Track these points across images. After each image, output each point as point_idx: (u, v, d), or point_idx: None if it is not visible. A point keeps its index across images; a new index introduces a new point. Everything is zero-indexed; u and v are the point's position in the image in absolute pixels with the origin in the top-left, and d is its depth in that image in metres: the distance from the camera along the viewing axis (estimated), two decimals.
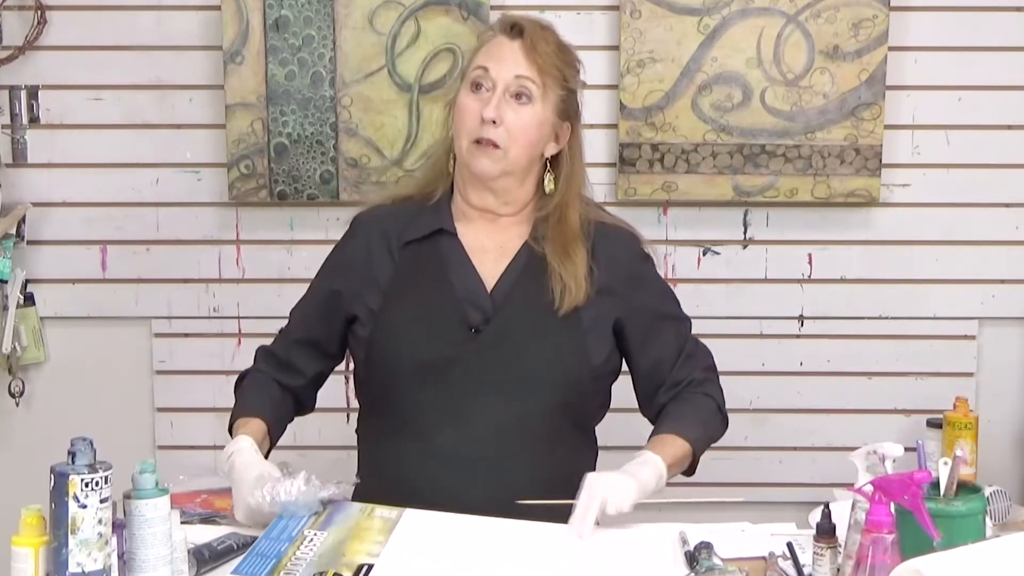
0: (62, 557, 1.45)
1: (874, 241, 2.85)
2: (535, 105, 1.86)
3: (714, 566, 1.65)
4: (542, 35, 1.89)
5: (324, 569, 1.54)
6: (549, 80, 1.86)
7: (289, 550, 1.58)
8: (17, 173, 2.82)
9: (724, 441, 2.83)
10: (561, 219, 1.90)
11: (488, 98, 1.84)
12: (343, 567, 1.54)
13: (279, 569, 1.54)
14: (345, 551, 1.59)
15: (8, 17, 2.78)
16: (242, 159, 2.77)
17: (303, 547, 1.59)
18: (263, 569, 1.54)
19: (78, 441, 1.48)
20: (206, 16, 2.78)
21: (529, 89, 1.85)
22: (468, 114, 1.86)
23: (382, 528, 1.65)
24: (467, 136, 1.86)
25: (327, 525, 1.65)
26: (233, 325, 2.86)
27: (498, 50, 1.87)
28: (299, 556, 1.57)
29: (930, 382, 2.87)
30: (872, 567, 1.45)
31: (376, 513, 1.69)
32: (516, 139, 1.85)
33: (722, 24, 2.73)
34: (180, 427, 2.88)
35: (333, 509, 1.69)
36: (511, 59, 1.86)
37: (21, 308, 2.80)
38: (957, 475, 1.63)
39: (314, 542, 1.60)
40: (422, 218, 1.94)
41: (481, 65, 1.86)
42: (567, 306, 1.86)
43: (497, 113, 1.83)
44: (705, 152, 2.77)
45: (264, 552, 1.58)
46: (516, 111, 1.85)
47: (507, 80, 1.84)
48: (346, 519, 1.67)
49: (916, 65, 2.80)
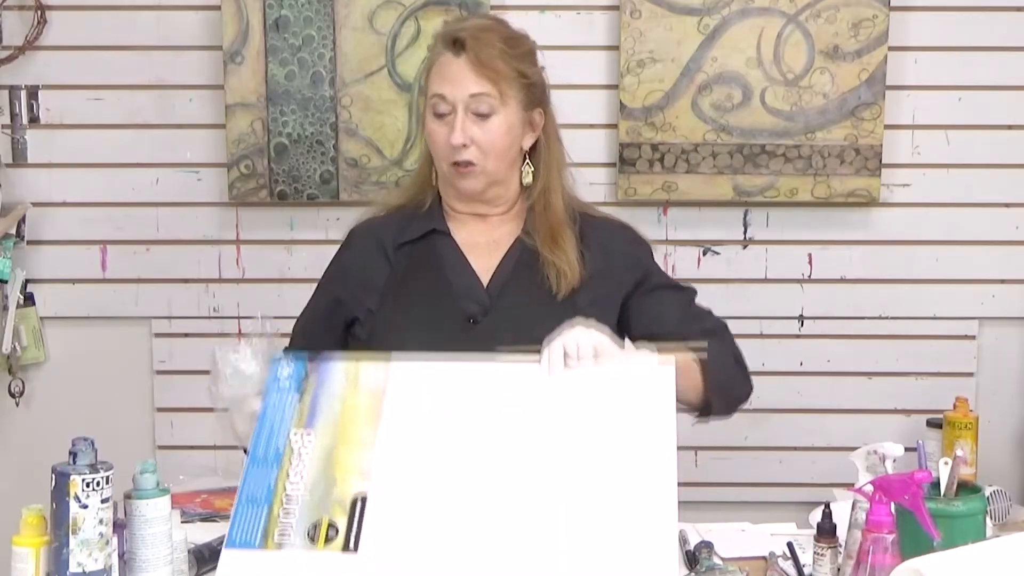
0: (63, 557, 1.46)
1: (874, 241, 2.85)
2: (498, 115, 1.86)
3: (714, 566, 1.65)
4: (485, 41, 1.86)
5: (317, 518, 1.51)
6: (504, 85, 1.86)
7: (278, 484, 1.54)
8: (17, 173, 2.82)
9: (724, 441, 2.85)
10: (546, 206, 1.92)
11: (451, 121, 1.85)
12: (335, 507, 1.51)
13: (271, 529, 1.51)
14: (335, 471, 1.55)
15: (8, 17, 2.78)
16: (242, 159, 2.77)
17: (292, 478, 1.54)
18: (254, 534, 1.51)
19: (79, 441, 1.49)
20: (206, 16, 2.78)
21: (487, 103, 1.85)
22: (438, 140, 1.88)
23: (369, 413, 1.59)
24: (443, 160, 1.89)
25: (312, 418, 1.60)
26: (233, 325, 2.86)
27: (448, 71, 1.86)
28: (289, 497, 1.53)
29: (930, 382, 2.87)
30: (872, 567, 1.46)
31: (361, 383, 1.63)
32: (489, 153, 1.87)
33: (722, 24, 2.73)
34: (180, 427, 2.88)
35: (316, 386, 1.63)
36: (461, 78, 1.85)
37: (21, 308, 2.80)
38: (957, 475, 1.63)
39: (303, 459, 1.56)
40: (415, 221, 1.96)
41: (436, 93, 1.87)
42: (564, 290, 1.87)
43: (464, 136, 1.84)
44: (705, 152, 2.77)
45: (253, 497, 1.54)
46: (482, 127, 1.85)
47: (464, 101, 1.85)
48: (331, 403, 1.61)
49: (916, 65, 2.80)
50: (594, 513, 1.50)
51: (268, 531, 1.51)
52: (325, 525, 1.51)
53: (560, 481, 1.53)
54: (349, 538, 1.50)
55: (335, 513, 1.51)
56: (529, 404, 1.60)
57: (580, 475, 1.53)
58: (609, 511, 1.50)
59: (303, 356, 1.66)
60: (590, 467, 1.54)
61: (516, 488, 1.53)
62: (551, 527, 1.50)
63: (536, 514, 1.51)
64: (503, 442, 1.58)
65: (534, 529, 1.50)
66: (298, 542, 1.50)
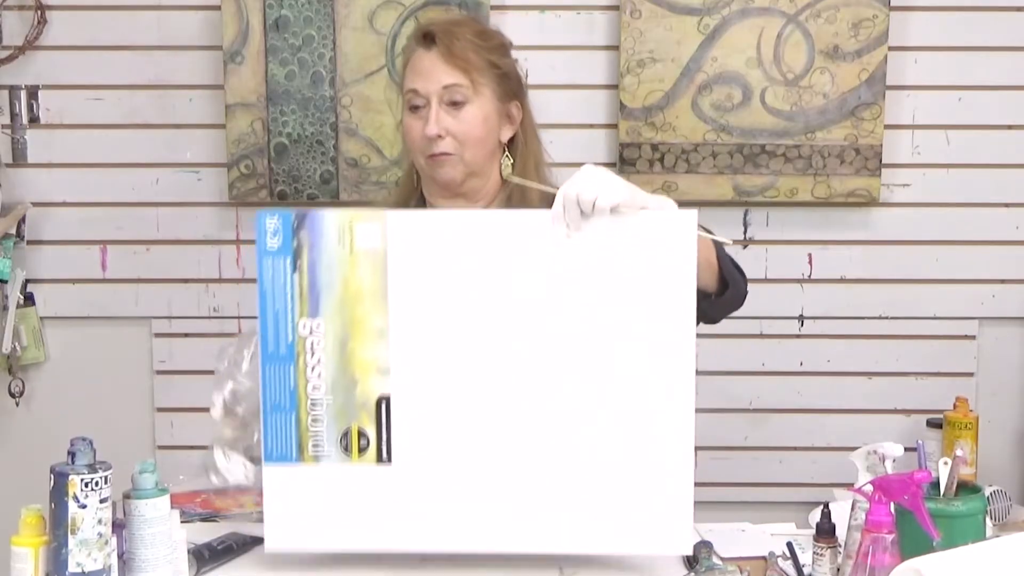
0: (62, 557, 1.46)
1: (874, 241, 2.85)
2: (472, 104, 1.87)
3: (714, 566, 1.65)
4: (455, 33, 1.88)
5: (346, 426, 1.57)
6: (476, 75, 1.87)
7: (299, 387, 1.57)
8: (17, 173, 2.82)
9: (724, 441, 2.85)
10: (522, 196, 1.92)
11: (426, 114, 1.86)
12: (362, 412, 1.57)
13: (304, 440, 1.57)
14: (354, 369, 1.57)
15: (8, 17, 2.78)
16: (242, 159, 2.77)
17: (310, 377, 1.57)
18: (289, 447, 1.57)
19: (78, 441, 1.48)
20: (206, 16, 2.78)
21: (460, 93, 1.86)
22: (413, 134, 1.89)
23: (373, 291, 1.57)
24: (420, 154, 1.90)
25: (316, 305, 1.57)
26: (233, 325, 2.86)
27: (420, 65, 1.88)
28: (313, 402, 1.57)
29: (930, 382, 2.87)
30: (872, 567, 1.46)
31: (358, 245, 1.58)
32: (465, 142, 1.88)
33: (722, 24, 2.73)
34: (180, 427, 2.88)
35: (310, 249, 1.58)
36: (433, 71, 1.87)
37: (21, 308, 2.80)
38: (957, 475, 1.63)
39: (317, 355, 1.57)
40: None
41: (410, 88, 1.88)
42: None
43: (439, 127, 1.85)
44: (705, 152, 2.77)
45: (278, 404, 1.57)
46: (456, 117, 1.87)
47: (437, 93, 1.86)
48: (331, 278, 1.57)
49: (916, 65, 2.80)
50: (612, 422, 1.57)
51: (302, 443, 1.58)
52: (356, 434, 1.58)
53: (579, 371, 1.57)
54: (381, 448, 1.58)
55: (363, 420, 1.58)
56: (544, 263, 1.58)
57: (601, 352, 1.57)
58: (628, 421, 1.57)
59: (288, 212, 1.59)
60: (611, 341, 1.57)
61: (536, 378, 1.57)
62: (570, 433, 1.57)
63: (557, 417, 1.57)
64: (520, 313, 1.57)
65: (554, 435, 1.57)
66: (333, 454, 1.58)
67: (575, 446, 1.57)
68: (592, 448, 1.57)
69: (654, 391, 1.58)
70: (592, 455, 1.57)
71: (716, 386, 2.86)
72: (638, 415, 1.57)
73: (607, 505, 1.58)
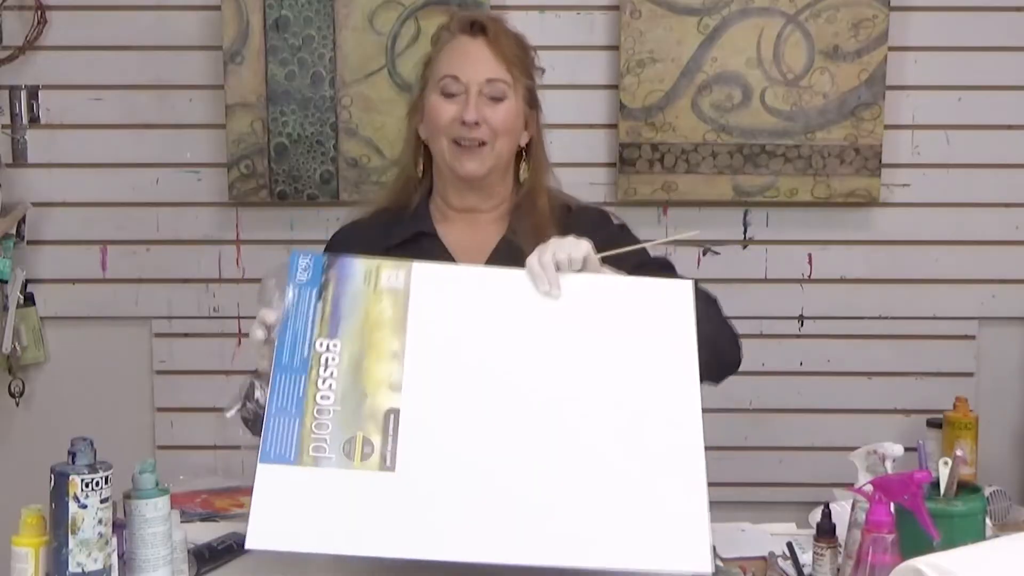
0: (62, 557, 1.46)
1: (874, 241, 2.85)
2: (508, 100, 1.87)
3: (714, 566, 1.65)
4: (503, 29, 1.89)
5: (351, 434, 1.51)
6: (517, 72, 1.87)
7: (308, 395, 1.54)
8: (17, 173, 2.82)
9: (724, 441, 2.85)
10: (532, 205, 1.91)
11: (463, 100, 1.85)
12: (369, 422, 1.52)
13: (305, 443, 1.51)
14: (365, 384, 1.55)
15: (8, 17, 2.78)
16: (242, 159, 2.77)
17: (321, 388, 1.54)
18: (289, 448, 1.51)
19: (78, 441, 1.48)
20: (206, 16, 2.78)
21: (501, 88, 1.86)
22: (444, 115, 1.86)
23: (394, 321, 1.59)
24: (446, 136, 1.86)
25: (336, 327, 1.58)
26: (233, 325, 2.86)
27: (463, 53, 1.86)
28: (321, 409, 1.53)
29: (930, 382, 2.87)
30: (872, 567, 1.46)
31: (382, 284, 1.62)
32: (500, 133, 1.86)
33: (722, 24, 2.73)
34: (180, 427, 2.88)
35: (336, 284, 1.61)
36: (478, 60, 1.85)
37: (21, 308, 2.80)
38: (957, 475, 1.63)
39: (330, 369, 1.55)
40: (401, 224, 1.94)
41: (449, 74, 1.86)
42: None
43: (478, 114, 1.84)
44: (705, 152, 2.77)
45: (284, 407, 1.53)
46: (494, 109, 1.85)
47: (479, 83, 1.85)
48: (354, 308, 1.59)
49: (916, 65, 2.80)
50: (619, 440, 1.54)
51: (302, 445, 1.52)
52: (360, 441, 1.52)
53: (585, 403, 1.56)
54: (385, 455, 1.52)
55: (369, 429, 1.52)
56: (553, 314, 1.61)
57: (604, 396, 1.56)
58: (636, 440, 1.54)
59: (320, 255, 1.64)
60: (614, 387, 1.57)
61: (544, 410, 1.56)
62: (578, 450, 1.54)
63: (565, 436, 1.54)
64: (528, 353, 1.59)
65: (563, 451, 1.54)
66: (335, 458, 1.51)
67: (583, 464, 1.54)
68: (600, 468, 1.54)
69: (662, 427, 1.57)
70: (600, 475, 1.54)
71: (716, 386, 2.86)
72: (646, 440, 1.56)
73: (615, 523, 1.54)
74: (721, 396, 2.95)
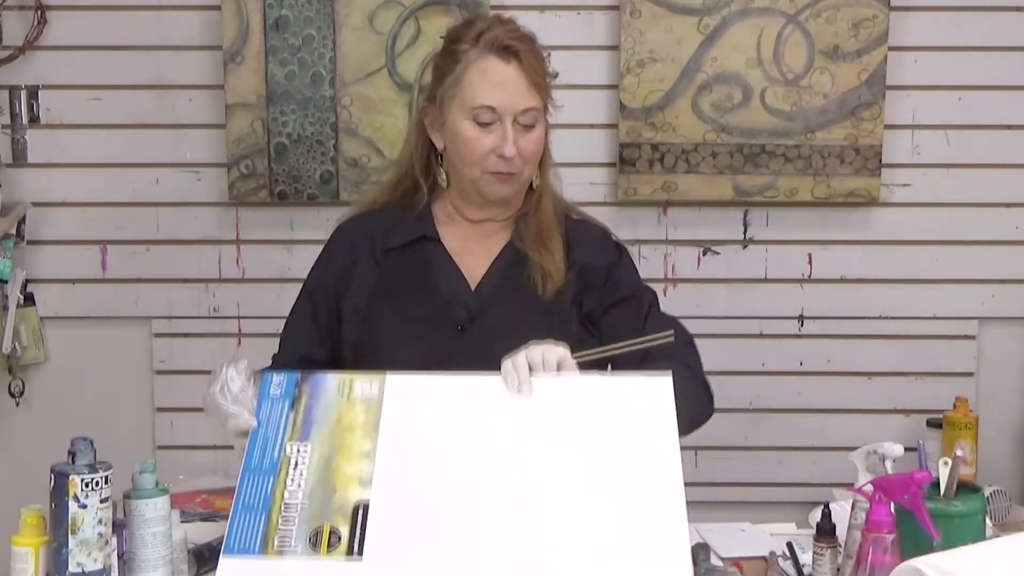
0: (62, 557, 1.46)
1: (874, 241, 2.85)
2: (539, 125, 1.85)
3: (713, 567, 1.65)
4: (531, 51, 1.84)
5: (318, 525, 1.48)
6: (545, 97, 1.86)
7: (276, 493, 1.51)
8: (17, 173, 2.82)
9: (724, 441, 2.85)
10: (538, 208, 1.90)
11: (498, 130, 1.81)
12: (337, 515, 1.49)
13: (270, 535, 1.48)
14: (335, 480, 1.52)
15: (8, 17, 2.78)
16: (242, 159, 2.77)
17: (289, 487, 1.52)
18: (254, 541, 1.48)
19: (78, 441, 1.48)
20: (206, 16, 2.78)
21: (533, 116, 1.83)
22: (480, 148, 1.82)
23: (366, 424, 1.58)
24: (479, 168, 1.84)
25: (307, 432, 1.57)
26: (233, 325, 2.86)
27: (499, 82, 1.81)
28: (288, 505, 1.50)
29: (930, 382, 2.87)
30: (872, 567, 1.46)
31: (356, 394, 1.61)
32: (531, 161, 1.85)
33: (722, 24, 2.73)
34: (180, 427, 2.88)
35: (309, 397, 1.61)
36: (515, 91, 1.81)
37: (21, 308, 2.80)
38: (957, 475, 1.63)
39: (300, 469, 1.54)
40: (404, 226, 1.93)
41: (485, 104, 1.81)
42: (550, 291, 1.86)
43: (515, 148, 1.82)
44: (705, 152, 2.77)
45: (250, 505, 1.51)
46: (526, 137, 1.83)
47: (514, 113, 1.81)
48: (326, 415, 1.59)
49: (916, 65, 2.80)
50: (600, 524, 1.48)
51: (268, 537, 1.48)
52: (327, 532, 1.49)
53: (563, 495, 1.51)
54: (353, 544, 1.48)
55: (337, 520, 1.49)
56: (528, 415, 1.58)
57: (582, 488, 1.51)
58: (616, 521, 1.48)
59: (294, 372, 1.64)
60: (592, 480, 1.52)
61: (521, 501, 1.51)
62: (556, 541, 1.47)
63: (541, 528, 1.49)
64: (505, 453, 1.56)
65: (539, 542, 1.48)
66: (300, 548, 1.47)
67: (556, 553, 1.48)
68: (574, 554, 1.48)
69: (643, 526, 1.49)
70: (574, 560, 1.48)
71: (716, 386, 2.85)
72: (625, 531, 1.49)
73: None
74: (721, 396, 2.95)
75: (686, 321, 1.95)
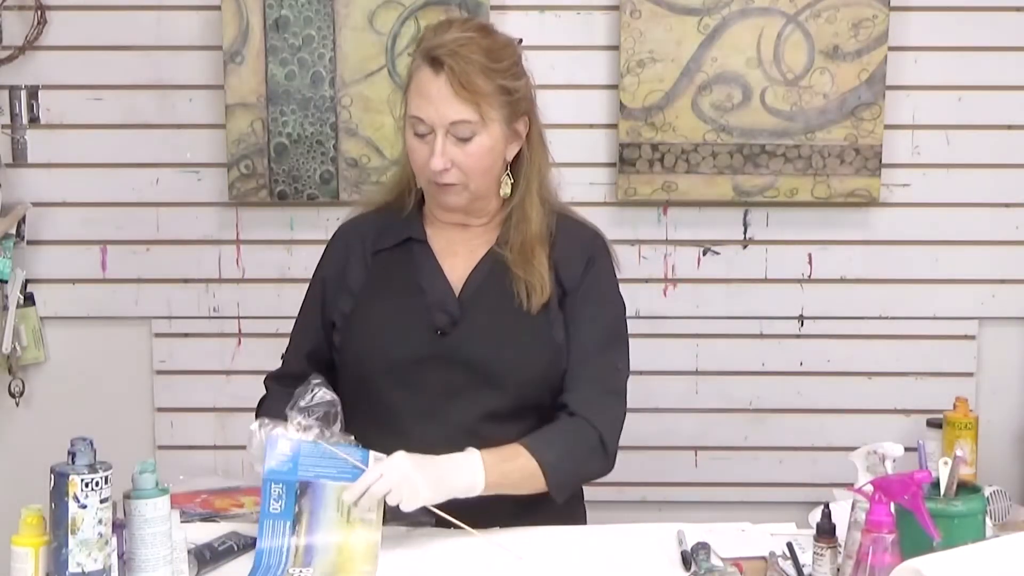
0: (62, 557, 1.45)
1: (874, 241, 2.85)
2: (480, 136, 1.80)
3: (713, 567, 1.65)
4: (464, 57, 1.77)
5: None
6: (486, 106, 1.78)
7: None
8: (17, 173, 2.82)
9: (724, 441, 2.86)
10: (522, 218, 1.88)
11: (431, 142, 1.79)
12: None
13: None
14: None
15: (8, 17, 2.78)
16: (242, 159, 2.77)
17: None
18: None
19: (78, 441, 1.48)
20: (206, 16, 2.78)
21: (468, 128, 1.79)
22: (417, 158, 1.82)
23: (366, 554, 1.63)
24: (423, 178, 1.85)
25: (310, 557, 1.62)
26: (233, 325, 2.86)
27: (426, 91, 1.79)
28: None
29: (930, 382, 2.87)
30: (872, 567, 1.46)
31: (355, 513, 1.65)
32: (472, 173, 1.82)
33: (722, 24, 2.73)
34: (180, 427, 2.88)
35: (309, 516, 1.65)
36: (441, 102, 1.77)
37: (21, 308, 2.80)
38: (957, 475, 1.63)
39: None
40: (393, 227, 1.93)
41: (415, 115, 1.80)
42: (535, 305, 1.85)
43: (444, 160, 1.79)
44: (705, 152, 2.77)
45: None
46: (463, 149, 1.80)
47: (443, 126, 1.78)
48: (326, 543, 1.63)
49: (916, 65, 2.80)
50: None
51: None
52: None
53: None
54: None
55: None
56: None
57: None
58: None
59: (294, 480, 1.65)
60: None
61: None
62: None
63: None
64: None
65: None
66: None
67: None
68: None
69: None
70: None
71: (716, 386, 2.86)
72: None
73: None
74: (721, 396, 2.96)
75: (686, 321, 1.95)
